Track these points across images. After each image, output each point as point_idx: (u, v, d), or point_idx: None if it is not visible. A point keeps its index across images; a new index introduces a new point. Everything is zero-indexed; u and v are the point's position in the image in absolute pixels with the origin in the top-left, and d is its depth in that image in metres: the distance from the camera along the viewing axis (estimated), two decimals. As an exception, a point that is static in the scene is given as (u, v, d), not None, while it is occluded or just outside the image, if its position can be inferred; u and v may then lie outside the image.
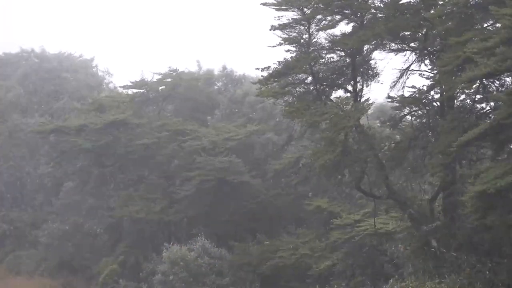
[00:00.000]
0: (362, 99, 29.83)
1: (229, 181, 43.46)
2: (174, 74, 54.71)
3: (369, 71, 30.40)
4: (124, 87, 55.91)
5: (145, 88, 54.39)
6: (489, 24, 24.95)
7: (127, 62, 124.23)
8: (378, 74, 30.29)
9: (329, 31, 29.64)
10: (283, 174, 43.55)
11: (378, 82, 30.42)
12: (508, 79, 24.68)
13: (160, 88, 54.72)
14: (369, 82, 30.45)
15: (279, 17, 29.33)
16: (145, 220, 45.68)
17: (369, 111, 32.13)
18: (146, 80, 55.17)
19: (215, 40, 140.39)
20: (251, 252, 39.66)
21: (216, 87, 61.63)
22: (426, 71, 28.61)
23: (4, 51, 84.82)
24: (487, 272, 23.09)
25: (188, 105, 55.68)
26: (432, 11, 26.37)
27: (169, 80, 54.52)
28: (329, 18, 29.37)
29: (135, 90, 54.76)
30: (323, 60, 30.27)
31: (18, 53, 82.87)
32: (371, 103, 30.72)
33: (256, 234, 42.16)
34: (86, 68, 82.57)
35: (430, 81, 27.65)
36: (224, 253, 39.54)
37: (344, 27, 29.66)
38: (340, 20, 29.33)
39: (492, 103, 25.47)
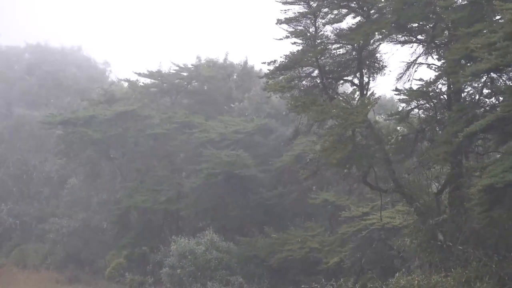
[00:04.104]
0: (369, 93, 29.79)
1: (236, 175, 43.41)
2: (192, 68, 54.60)
3: (375, 64, 30.33)
4: (139, 74, 55.67)
5: (160, 79, 54.31)
6: (498, 17, 24.79)
7: (125, 56, 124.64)
8: (384, 67, 30.23)
9: (336, 24, 29.57)
10: (289, 168, 43.50)
11: (384, 75, 30.37)
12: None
13: (177, 81, 54.59)
14: (375, 75, 30.41)
15: (285, 10, 29.24)
16: (151, 210, 45.74)
17: (376, 105, 31.95)
18: (162, 71, 55.25)
19: (220, 34, 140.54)
20: (258, 245, 39.64)
21: (233, 81, 61.34)
22: (434, 64, 28.55)
23: (7, 45, 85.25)
24: (494, 266, 22.97)
25: (204, 99, 55.57)
26: (443, 1, 26.20)
27: (185, 74, 54.44)
28: (335, 11, 29.28)
29: (150, 81, 54.81)
30: (329, 53, 30.17)
31: (20, 47, 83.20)
32: (378, 98, 30.62)
33: (263, 227, 42.13)
34: (87, 61, 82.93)
35: (438, 72, 27.53)
36: (232, 247, 39.49)
37: (351, 21, 29.66)
38: (347, 14, 29.22)
39: (500, 97, 25.34)
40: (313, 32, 29.41)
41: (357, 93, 30.28)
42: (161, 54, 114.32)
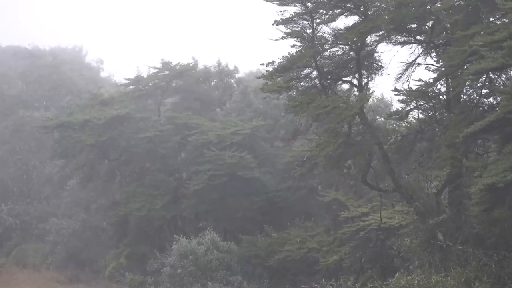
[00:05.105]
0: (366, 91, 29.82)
1: (239, 176, 43.35)
2: (168, 67, 54.54)
3: (374, 64, 30.33)
4: (121, 85, 56.05)
5: (141, 83, 54.36)
6: (496, 18, 24.82)
7: (124, 55, 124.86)
8: (382, 67, 30.23)
9: (333, 24, 29.59)
10: (290, 168, 43.53)
11: (382, 75, 30.40)
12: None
13: (154, 82, 54.54)
14: (373, 76, 30.43)
15: (282, 12, 29.24)
16: (148, 216, 45.66)
17: (375, 105, 32.03)
18: (141, 75, 55.19)
19: (218, 36, 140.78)
20: (258, 244, 39.64)
21: (213, 82, 61.23)
22: (433, 64, 28.59)
23: (7, 44, 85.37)
24: (494, 266, 23.00)
25: (187, 98, 55.42)
26: (439, 4, 26.26)
27: (165, 73, 54.31)
28: (331, 12, 29.30)
29: (132, 87, 54.84)
30: (327, 53, 30.18)
31: (14, 48, 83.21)
32: (372, 92, 30.72)
33: (263, 226, 42.08)
34: (80, 61, 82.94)
35: (437, 74, 27.57)
36: (233, 246, 39.49)
37: (348, 21, 29.69)
38: (342, 13, 29.25)
39: (498, 98, 25.33)
40: (310, 33, 29.42)
41: (354, 91, 30.40)
42: (150, 54, 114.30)
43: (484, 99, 26.52)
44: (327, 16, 29.07)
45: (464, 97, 27.02)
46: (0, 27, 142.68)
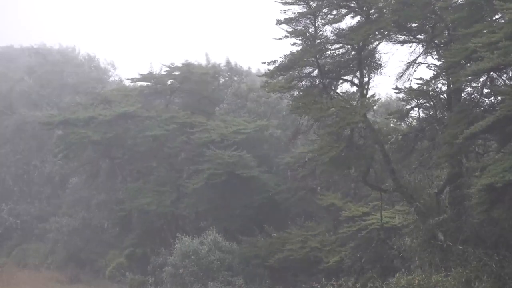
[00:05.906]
0: (368, 92, 29.84)
1: (238, 175, 43.34)
2: (183, 67, 54.12)
3: (374, 63, 30.36)
4: (132, 80, 55.60)
5: (153, 81, 54.07)
6: (498, 17, 24.85)
7: (131, 55, 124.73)
8: (382, 66, 30.25)
9: (335, 24, 29.62)
10: (291, 169, 43.52)
11: (381, 74, 30.39)
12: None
13: (170, 81, 54.23)
14: (372, 75, 30.44)
15: (285, 10, 29.28)
16: (155, 212, 45.65)
17: (375, 106, 32.02)
18: (154, 73, 54.83)
19: (220, 34, 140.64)
20: (259, 245, 39.63)
21: (222, 80, 61.11)
22: (433, 64, 28.60)
23: (7, 45, 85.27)
24: (494, 266, 23.02)
25: (195, 98, 55.27)
26: (442, 1, 26.26)
27: (178, 73, 53.96)
28: (335, 11, 29.33)
29: (143, 83, 54.48)
30: (329, 53, 30.21)
31: (20, 47, 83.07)
32: (378, 99, 30.71)
33: (264, 226, 42.07)
34: (89, 61, 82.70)
35: (437, 71, 27.57)
36: (235, 247, 39.44)
37: (350, 21, 29.70)
38: (346, 14, 29.27)
39: (499, 97, 25.34)
40: (313, 32, 29.44)
41: (358, 93, 30.39)
42: (157, 53, 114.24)
43: (485, 99, 26.52)
44: (332, 16, 29.09)
45: (465, 95, 27.05)
46: (0, 27, 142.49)
